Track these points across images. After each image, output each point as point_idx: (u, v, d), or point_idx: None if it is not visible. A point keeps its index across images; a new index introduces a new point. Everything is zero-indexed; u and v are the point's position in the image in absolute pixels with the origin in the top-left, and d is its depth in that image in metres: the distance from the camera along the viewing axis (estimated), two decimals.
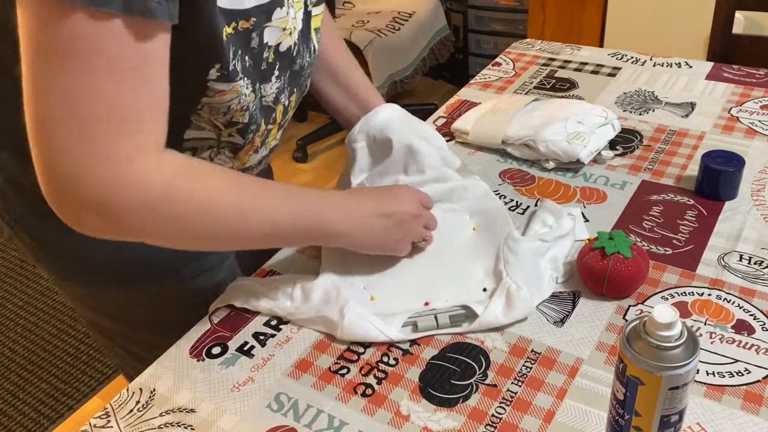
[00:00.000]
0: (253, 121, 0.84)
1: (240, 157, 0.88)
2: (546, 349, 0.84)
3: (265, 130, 0.88)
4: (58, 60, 0.60)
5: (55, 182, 0.65)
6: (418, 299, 0.91)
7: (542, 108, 1.25)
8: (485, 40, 3.26)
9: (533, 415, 0.76)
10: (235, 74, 0.76)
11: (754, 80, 1.40)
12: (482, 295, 0.90)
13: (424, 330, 0.86)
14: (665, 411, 0.64)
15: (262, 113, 0.86)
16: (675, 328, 0.61)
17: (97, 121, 0.63)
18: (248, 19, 0.75)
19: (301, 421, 0.77)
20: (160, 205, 0.69)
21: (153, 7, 0.61)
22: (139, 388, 0.83)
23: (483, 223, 1.02)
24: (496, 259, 0.93)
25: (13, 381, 2.08)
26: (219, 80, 0.75)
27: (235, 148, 0.86)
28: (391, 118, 1.06)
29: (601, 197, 1.09)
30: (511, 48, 1.64)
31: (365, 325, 0.85)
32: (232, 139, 0.84)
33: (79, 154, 0.63)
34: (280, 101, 0.89)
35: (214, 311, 0.92)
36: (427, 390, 0.80)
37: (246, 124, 0.83)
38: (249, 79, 0.80)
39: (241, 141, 0.85)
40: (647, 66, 1.49)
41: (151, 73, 0.65)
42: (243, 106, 0.81)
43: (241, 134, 0.84)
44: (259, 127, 0.86)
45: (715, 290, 0.90)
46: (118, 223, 0.68)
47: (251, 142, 0.87)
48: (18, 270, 2.51)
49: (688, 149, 1.20)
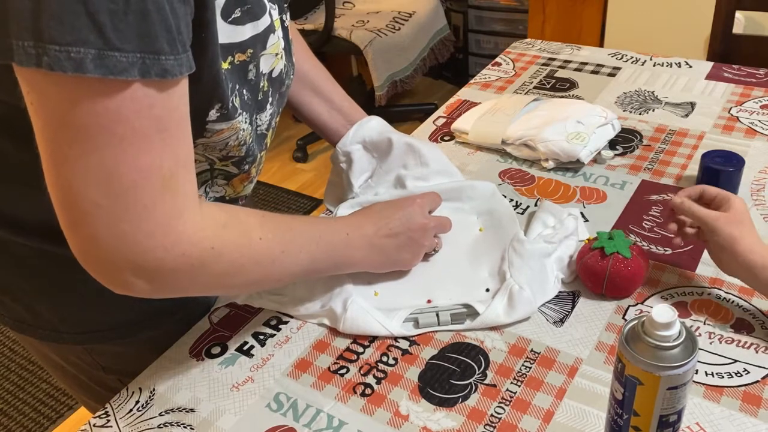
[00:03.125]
0: (250, 153, 0.83)
1: (234, 185, 0.87)
2: (545, 348, 0.84)
3: (259, 158, 0.88)
4: (83, 137, 0.57)
5: (103, 256, 0.63)
6: (420, 296, 0.91)
7: (542, 108, 1.25)
8: (485, 40, 3.26)
9: (532, 415, 0.76)
10: (234, 111, 0.74)
11: (754, 80, 1.40)
12: (485, 295, 0.90)
13: (425, 326, 0.87)
14: (664, 411, 0.64)
15: (257, 143, 0.85)
16: (674, 328, 0.61)
17: (141, 191, 0.60)
18: (245, 51, 0.73)
19: (301, 420, 0.77)
20: (209, 261, 0.68)
21: (170, 67, 0.58)
22: (138, 388, 0.83)
23: (490, 224, 1.02)
24: (500, 261, 0.93)
25: (13, 381, 2.08)
26: (219, 120, 0.74)
27: (229, 175, 0.85)
28: (383, 124, 1.07)
29: (600, 197, 1.09)
30: (511, 48, 1.64)
31: (367, 319, 0.86)
32: (226, 168, 0.83)
33: (127, 228, 0.61)
34: (271, 126, 0.88)
35: (213, 311, 0.93)
36: (427, 390, 0.80)
37: (242, 157, 0.82)
38: (248, 113, 0.78)
39: (236, 171, 0.85)
40: (647, 66, 1.49)
41: (177, 129, 0.62)
42: (241, 141, 0.79)
43: (236, 166, 0.83)
44: (256, 158, 0.85)
45: (715, 289, 0.90)
46: (167, 284, 0.67)
47: (247, 173, 0.86)
48: None
49: (688, 149, 1.20)
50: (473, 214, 1.04)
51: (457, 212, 1.03)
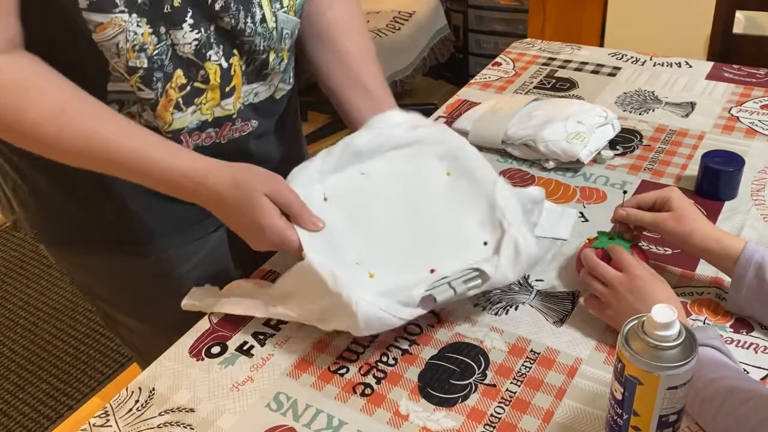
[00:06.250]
0: (157, 67, 0.82)
1: (160, 114, 0.85)
2: (545, 349, 0.84)
3: (188, 85, 0.85)
4: None
5: None
6: (421, 268, 0.85)
7: (542, 108, 1.25)
8: (485, 39, 3.26)
9: (532, 415, 0.76)
10: (109, 4, 0.76)
11: (755, 80, 1.40)
12: (485, 250, 0.86)
13: (444, 302, 0.82)
14: (664, 411, 0.64)
15: (177, 63, 0.83)
16: (673, 328, 0.61)
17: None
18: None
19: (300, 420, 0.77)
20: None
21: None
22: (138, 388, 0.83)
23: (457, 168, 0.94)
24: (488, 208, 0.88)
25: (13, 381, 2.08)
26: (90, 9, 0.75)
27: (151, 104, 0.84)
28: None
29: (601, 197, 1.09)
30: (511, 48, 1.63)
31: (380, 315, 0.79)
32: (142, 94, 0.83)
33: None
34: (207, 58, 0.85)
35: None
36: (426, 390, 0.80)
37: (147, 69, 0.81)
38: (141, 18, 0.78)
39: (150, 94, 0.83)
40: (647, 66, 1.49)
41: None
42: (135, 46, 0.79)
43: (145, 83, 0.82)
44: (171, 76, 0.83)
45: (714, 289, 0.90)
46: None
47: (165, 95, 0.84)
48: (18, 270, 2.51)
49: (688, 149, 1.20)
50: (433, 159, 0.95)
51: (415, 158, 0.95)
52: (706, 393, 0.69)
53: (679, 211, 0.86)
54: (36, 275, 2.48)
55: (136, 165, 0.80)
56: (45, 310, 2.34)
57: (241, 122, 0.94)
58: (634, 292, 0.80)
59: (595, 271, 0.85)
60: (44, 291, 2.41)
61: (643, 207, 0.90)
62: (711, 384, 0.69)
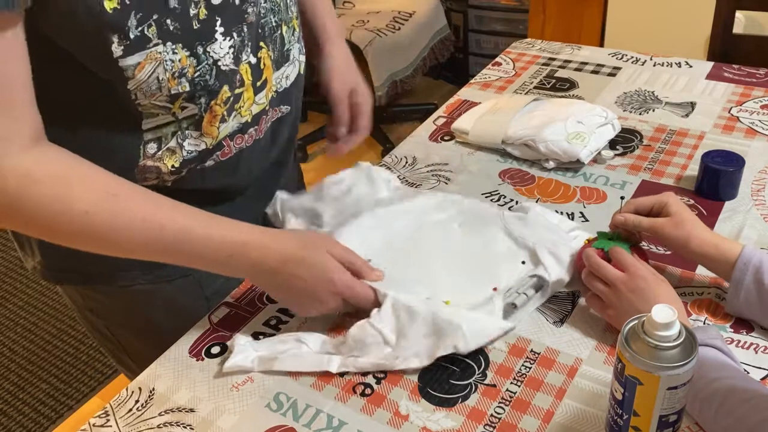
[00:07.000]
0: (200, 88, 0.81)
1: (206, 130, 0.85)
2: (545, 349, 0.84)
3: (230, 96, 0.85)
4: None
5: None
6: (486, 287, 0.89)
7: (542, 108, 1.25)
8: (485, 39, 3.26)
9: (532, 415, 0.76)
10: (143, 41, 0.73)
11: (755, 80, 1.40)
12: (528, 266, 0.92)
13: (522, 306, 0.88)
14: (664, 411, 0.64)
15: (223, 80, 0.83)
16: (673, 328, 0.61)
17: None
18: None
19: (300, 420, 0.77)
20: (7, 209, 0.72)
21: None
22: (138, 388, 0.83)
23: (466, 221, 1.01)
24: (508, 238, 0.96)
25: (13, 381, 2.08)
26: (127, 54, 0.73)
27: (195, 121, 0.83)
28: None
29: (601, 197, 1.09)
30: (511, 48, 1.63)
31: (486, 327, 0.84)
32: (187, 112, 0.82)
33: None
34: (241, 60, 0.84)
35: (213, 311, 0.92)
36: (426, 390, 0.80)
37: (190, 92, 0.80)
38: (176, 44, 0.76)
39: (194, 109, 0.82)
40: (647, 66, 1.49)
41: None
42: (175, 73, 0.77)
43: (192, 102, 0.81)
44: (217, 93, 0.83)
45: (714, 289, 0.90)
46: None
47: (210, 111, 0.84)
48: (18, 270, 2.51)
49: (688, 149, 1.20)
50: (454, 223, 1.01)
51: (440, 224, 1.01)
52: (707, 393, 0.69)
53: (677, 216, 0.87)
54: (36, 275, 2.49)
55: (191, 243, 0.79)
56: (45, 310, 2.34)
57: (271, 111, 0.94)
58: (636, 292, 0.80)
59: (597, 270, 0.85)
60: (44, 291, 2.41)
61: (641, 212, 0.90)
62: (711, 384, 0.69)
